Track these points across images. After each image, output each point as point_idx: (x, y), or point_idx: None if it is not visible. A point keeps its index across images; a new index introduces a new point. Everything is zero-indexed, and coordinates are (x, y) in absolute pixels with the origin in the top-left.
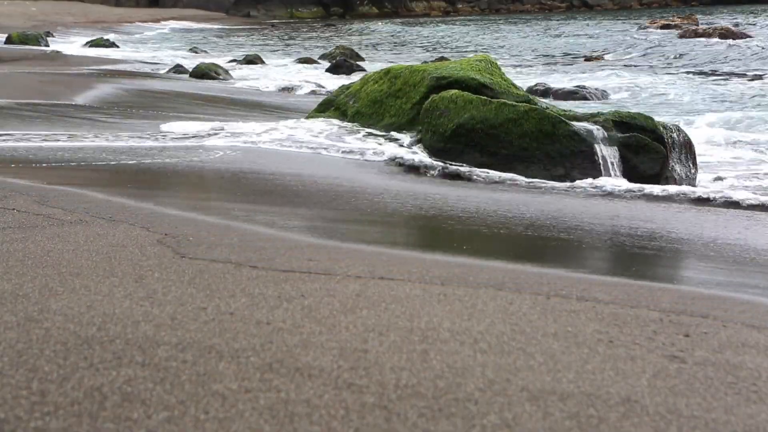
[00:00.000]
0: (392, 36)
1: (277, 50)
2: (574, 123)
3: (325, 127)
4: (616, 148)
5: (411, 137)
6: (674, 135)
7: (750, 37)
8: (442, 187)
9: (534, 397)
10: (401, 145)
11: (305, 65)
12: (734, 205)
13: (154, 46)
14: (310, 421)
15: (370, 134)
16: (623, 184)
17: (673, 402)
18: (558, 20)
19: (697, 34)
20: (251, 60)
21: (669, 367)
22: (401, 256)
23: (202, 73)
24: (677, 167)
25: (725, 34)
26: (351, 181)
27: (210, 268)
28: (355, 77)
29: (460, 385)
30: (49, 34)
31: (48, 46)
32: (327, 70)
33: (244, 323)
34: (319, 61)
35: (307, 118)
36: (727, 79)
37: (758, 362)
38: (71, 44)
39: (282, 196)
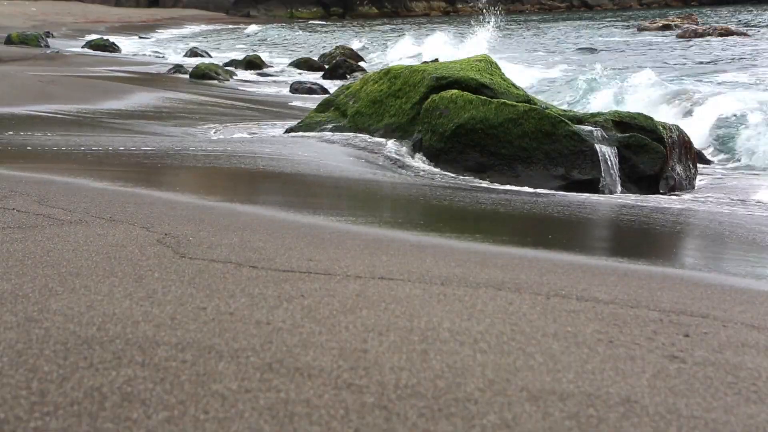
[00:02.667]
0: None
1: (277, 50)
2: (574, 123)
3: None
4: (615, 148)
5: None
6: (674, 135)
7: (748, 35)
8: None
9: (534, 397)
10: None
11: (304, 68)
12: None
13: (155, 47)
14: (309, 421)
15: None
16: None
17: (673, 402)
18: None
19: (696, 35)
20: (251, 60)
21: (669, 367)
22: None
23: (201, 73)
24: (678, 167)
25: (725, 33)
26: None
27: (210, 268)
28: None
29: (460, 385)
30: (48, 34)
31: (48, 46)
32: (323, 76)
33: (244, 323)
34: (319, 61)
35: (306, 117)
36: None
37: (758, 362)
38: (72, 45)
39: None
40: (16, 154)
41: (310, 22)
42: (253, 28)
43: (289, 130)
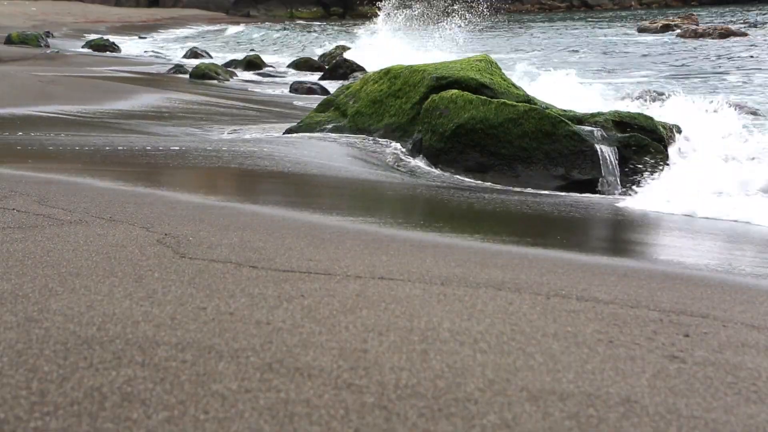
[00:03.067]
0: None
1: (276, 50)
2: (574, 123)
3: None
4: (615, 148)
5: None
6: (674, 135)
7: (748, 35)
8: None
9: (534, 397)
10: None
11: (304, 68)
12: None
13: (155, 47)
14: (309, 421)
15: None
16: None
17: (673, 402)
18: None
19: (696, 35)
20: (251, 61)
21: (669, 367)
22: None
23: (202, 73)
24: None
25: (725, 33)
26: None
27: (210, 268)
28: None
29: (460, 385)
30: (49, 34)
31: (48, 46)
32: (323, 77)
33: (244, 323)
34: (318, 61)
35: (307, 117)
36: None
37: (758, 362)
38: (72, 45)
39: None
40: (19, 154)
41: (298, 21)
42: (234, 28)
43: (289, 131)
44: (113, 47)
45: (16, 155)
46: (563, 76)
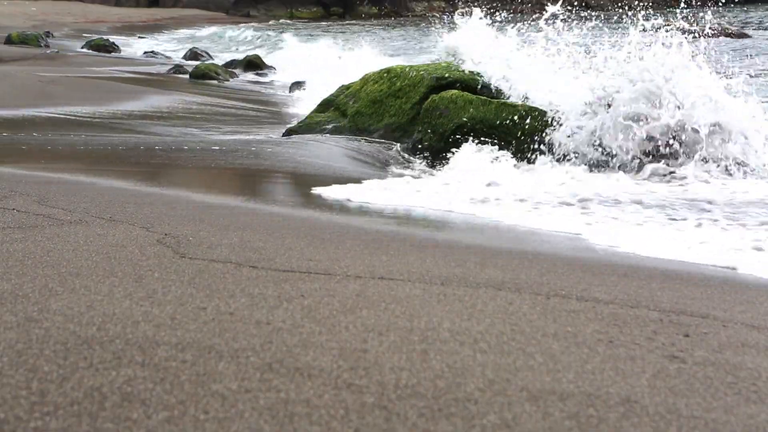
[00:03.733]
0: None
1: (277, 50)
2: None
3: None
4: None
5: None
6: None
7: (749, 36)
8: None
9: (534, 397)
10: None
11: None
12: None
13: (155, 47)
14: (309, 421)
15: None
16: None
17: (673, 402)
18: None
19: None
20: (251, 61)
21: (669, 367)
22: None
23: (201, 73)
24: None
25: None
26: None
27: (210, 268)
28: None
29: (460, 385)
30: (49, 34)
31: (48, 46)
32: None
33: (244, 323)
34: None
35: (307, 117)
36: None
37: (758, 362)
38: (72, 45)
39: None
40: (19, 154)
41: (282, 21)
42: (212, 29)
43: (289, 131)
44: (113, 47)
45: (16, 155)
46: None
